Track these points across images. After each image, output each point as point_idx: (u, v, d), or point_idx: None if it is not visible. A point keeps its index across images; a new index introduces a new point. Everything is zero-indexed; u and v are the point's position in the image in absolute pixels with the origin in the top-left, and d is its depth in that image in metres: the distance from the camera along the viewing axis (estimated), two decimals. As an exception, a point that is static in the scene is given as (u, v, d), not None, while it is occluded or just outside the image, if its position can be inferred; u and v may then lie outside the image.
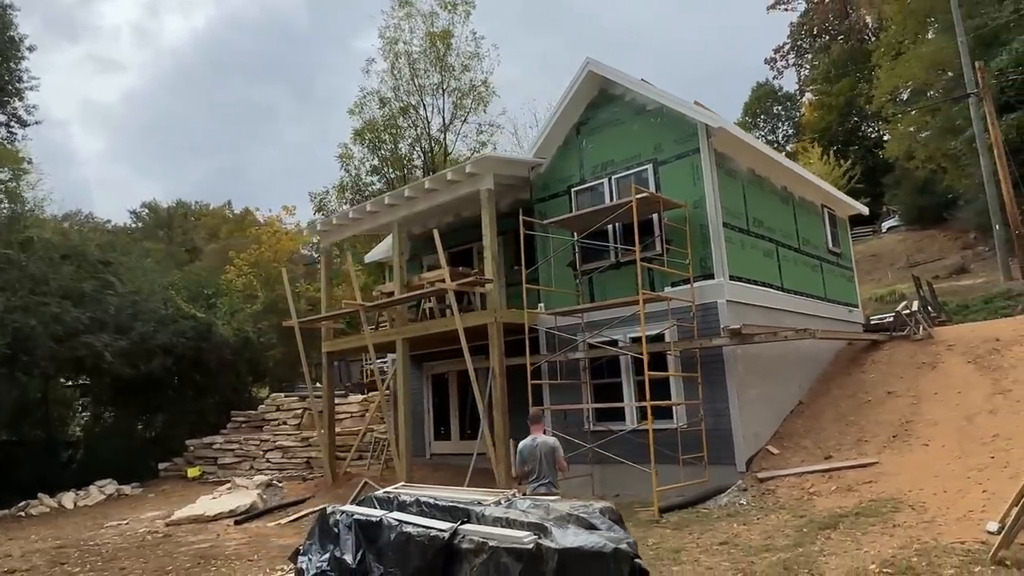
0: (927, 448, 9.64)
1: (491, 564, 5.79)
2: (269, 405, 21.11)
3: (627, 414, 11.79)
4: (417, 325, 13.99)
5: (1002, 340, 12.59)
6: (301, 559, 8.46)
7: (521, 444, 8.09)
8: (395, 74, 34.83)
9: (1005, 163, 21.68)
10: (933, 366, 12.48)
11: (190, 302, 21.16)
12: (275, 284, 24.80)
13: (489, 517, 6.42)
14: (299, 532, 11.89)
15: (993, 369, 11.56)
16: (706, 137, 11.21)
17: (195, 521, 13.69)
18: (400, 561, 6.85)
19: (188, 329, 20.50)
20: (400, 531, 6.97)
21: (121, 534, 13.25)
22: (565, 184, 13.11)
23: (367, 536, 7.50)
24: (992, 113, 22.18)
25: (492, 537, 5.93)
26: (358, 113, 34.89)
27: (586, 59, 12.52)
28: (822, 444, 10.83)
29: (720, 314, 10.83)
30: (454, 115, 35.14)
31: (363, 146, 34.97)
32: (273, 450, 19.06)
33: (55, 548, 12.38)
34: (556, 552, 5.43)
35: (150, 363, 19.46)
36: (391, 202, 14.14)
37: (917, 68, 36.04)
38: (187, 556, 10.56)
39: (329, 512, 8.57)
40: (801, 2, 59.49)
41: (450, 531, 6.36)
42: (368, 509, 7.89)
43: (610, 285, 12.28)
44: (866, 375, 12.99)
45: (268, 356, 23.71)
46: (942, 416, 10.49)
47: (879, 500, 8.29)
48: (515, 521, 6.11)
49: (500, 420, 12.07)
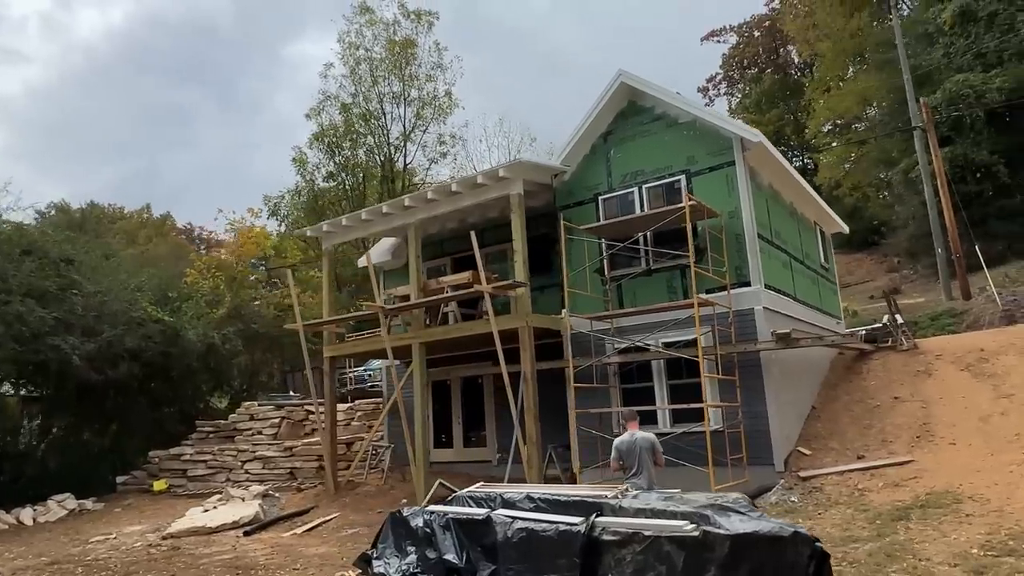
0: (955, 447, 10.35)
1: (650, 554, 5.86)
2: (242, 414, 20.20)
3: (659, 417, 12.03)
4: (437, 329, 13.79)
5: (987, 350, 13.65)
6: (377, 563, 8.24)
7: (618, 440, 8.16)
8: (355, 80, 34.35)
9: (947, 191, 23.55)
10: (929, 374, 13.38)
11: (156, 305, 19.98)
12: (240, 289, 23.78)
13: (629, 509, 6.47)
14: (326, 541, 11.44)
15: (988, 376, 12.53)
16: (741, 151, 11.70)
17: (195, 534, 12.91)
18: (522, 557, 6.80)
19: (156, 333, 19.37)
20: (518, 527, 6.93)
21: (116, 549, 12.34)
22: (591, 192, 13.33)
23: (468, 534, 7.40)
24: (935, 146, 24.09)
25: (647, 527, 6.00)
26: (315, 117, 34.09)
27: (619, 70, 12.84)
28: (849, 445, 11.42)
29: (757, 320, 11.30)
30: (414, 125, 34.91)
31: (320, 151, 34.18)
32: (252, 461, 18.22)
33: (46, 564, 11.41)
34: (728, 538, 5.55)
35: (117, 369, 18.25)
36: (410, 204, 13.94)
37: (850, 102, 38.77)
38: (219, 568, 9.96)
39: (406, 515, 8.40)
40: (732, 35, 62.94)
41: (587, 524, 6.38)
42: (462, 508, 7.77)
43: (640, 291, 12.55)
44: (867, 382, 13.77)
45: (233, 364, 22.65)
46: (956, 418, 11.28)
47: (934, 494, 8.83)
48: (666, 511, 6.18)
49: (532, 425, 12.05)
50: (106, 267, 19.95)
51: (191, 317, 20.94)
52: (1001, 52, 27.30)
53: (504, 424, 15.28)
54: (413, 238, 14.10)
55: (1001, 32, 27.50)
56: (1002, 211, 26.78)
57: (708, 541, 5.64)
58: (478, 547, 7.24)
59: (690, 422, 11.72)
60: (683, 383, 11.90)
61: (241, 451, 18.47)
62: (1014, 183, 26.66)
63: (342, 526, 12.58)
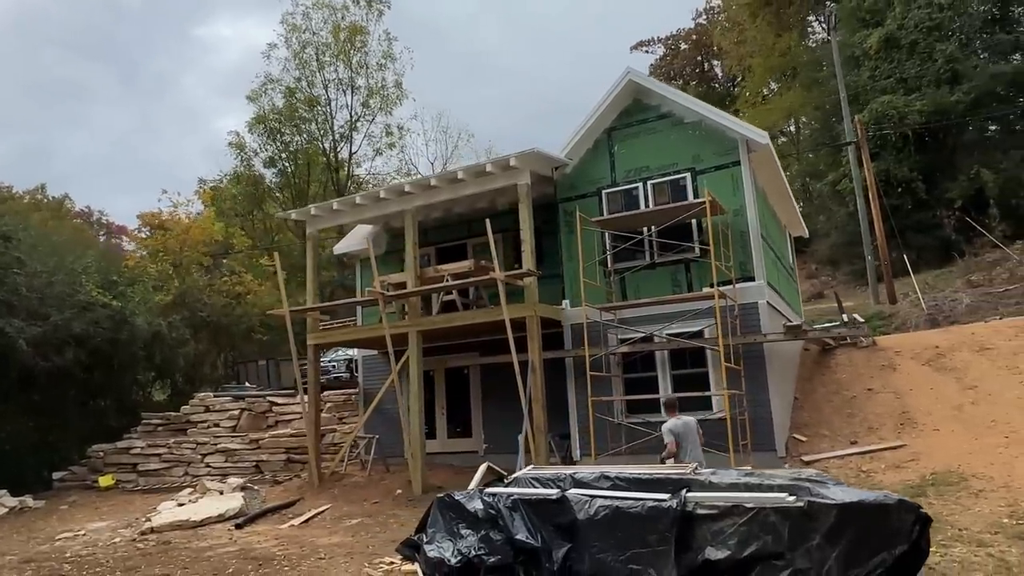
0: (939, 433, 11.27)
1: (754, 525, 6.12)
2: (196, 405, 19.16)
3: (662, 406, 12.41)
4: (439, 317, 13.64)
5: (940, 348, 14.88)
6: (429, 548, 8.17)
7: (670, 424, 8.50)
8: (300, 64, 33.28)
9: (879, 203, 25.42)
10: (894, 368, 14.46)
11: (103, 288, 18.67)
12: (186, 274, 22.57)
13: (722, 484, 6.72)
14: (333, 532, 11.09)
15: (949, 370, 13.69)
16: (747, 151, 12.27)
17: (179, 528, 12.18)
18: (607, 534, 6.91)
19: (104, 318, 18.11)
20: (601, 505, 7.05)
21: (93, 545, 11.50)
22: (595, 185, 13.58)
23: (540, 514, 7.44)
24: (868, 160, 25.95)
25: (748, 500, 6.24)
26: (257, 100, 32.79)
27: (627, 68, 13.18)
28: (838, 432, 12.19)
29: (760, 313, 11.89)
30: (360, 114, 34.18)
31: (261, 135, 32.88)
32: (213, 454, 17.37)
33: (21, 563, 10.51)
34: (834, 508, 5.89)
35: (62, 355, 16.95)
36: (410, 190, 13.73)
37: (777, 116, 41.06)
38: (234, 560, 9.48)
39: (458, 498, 8.35)
40: (660, 47, 65.33)
41: (679, 499, 6.57)
42: (529, 489, 7.80)
43: (643, 284, 12.91)
44: (837, 375, 14.73)
45: (179, 353, 21.44)
46: (931, 408, 12.27)
47: (939, 474, 9.60)
48: (762, 484, 6.47)
49: (540, 413, 12.16)
50: (48, 246, 18.45)
51: (138, 302, 19.68)
52: (920, 78, 29.66)
53: (491, 415, 15.33)
54: (411, 225, 13.89)
55: (921, 60, 29.90)
56: (919, 224, 29.11)
57: (813, 511, 5.96)
58: (551, 526, 7.28)
59: (693, 411, 12.17)
60: (686, 373, 12.36)
61: (201, 444, 17.56)
62: (930, 198, 29.06)
63: (340, 517, 12.22)
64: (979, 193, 28.10)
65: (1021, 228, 27.24)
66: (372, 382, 16.92)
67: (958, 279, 25.97)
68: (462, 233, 16.15)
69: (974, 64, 29.36)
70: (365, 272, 17.37)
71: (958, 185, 28.47)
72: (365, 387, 16.92)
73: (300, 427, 17.76)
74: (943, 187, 29.02)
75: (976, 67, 29.16)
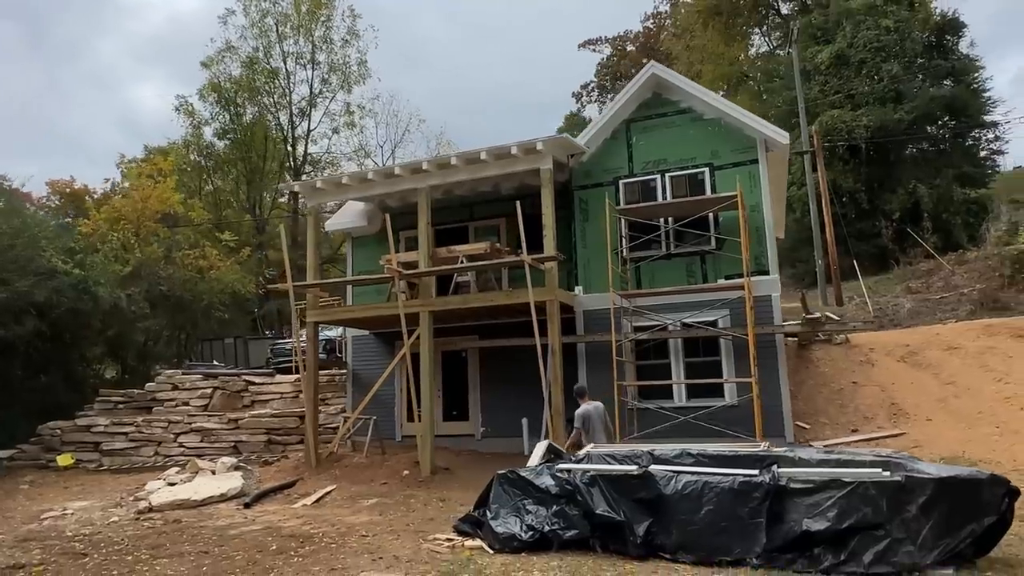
0: (932, 423, 12.13)
1: (854, 497, 6.49)
2: (162, 383, 18.21)
3: (675, 392, 12.80)
4: (455, 298, 13.50)
5: (911, 345, 15.95)
6: (495, 523, 8.22)
7: (584, 409, 9.31)
8: (258, 33, 31.98)
9: (830, 210, 26.88)
10: (872, 364, 15.40)
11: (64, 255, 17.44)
12: (145, 246, 21.35)
13: (812, 460, 7.04)
14: (356, 511, 10.86)
15: (925, 367, 14.70)
16: (765, 151, 12.78)
17: (181, 507, 11.66)
18: (694, 508, 7.13)
19: (67, 288, 16.92)
20: (688, 480, 7.29)
21: (88, 524, 10.81)
22: (612, 175, 13.79)
23: (620, 490, 7.59)
24: (823, 169, 27.37)
25: (846, 475, 6.58)
26: (213, 67, 31.29)
27: (651, 62, 13.50)
28: (835, 421, 12.92)
29: (773, 305, 12.43)
30: (320, 91, 33.20)
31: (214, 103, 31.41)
32: (188, 433, 16.61)
33: (18, 541, 9.77)
34: (931, 482, 6.33)
35: (23, 324, 15.75)
36: (428, 168, 13.52)
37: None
38: (271, 539, 9.13)
39: (524, 474, 8.40)
40: (607, 47, 66.40)
41: (771, 474, 6.86)
42: (605, 465, 7.92)
43: (659, 274, 13.23)
44: (821, 369, 15.54)
45: (138, 328, 20.26)
46: (917, 400, 13.18)
47: (948, 459, 10.32)
48: (851, 461, 6.84)
49: (558, 395, 12.27)
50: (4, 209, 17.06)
51: (99, 272, 18.46)
52: (867, 95, 31.51)
53: (491, 399, 15.33)
54: (425, 204, 13.69)
55: (868, 78, 31.76)
56: (860, 232, 30.95)
57: (910, 485, 6.37)
58: (631, 501, 7.46)
59: (704, 397, 12.64)
60: (699, 361, 12.78)
61: (173, 422, 16.72)
62: (871, 209, 30.95)
63: (352, 497, 11.95)
64: (915, 206, 30.12)
65: (950, 241, 29.42)
66: (361, 363, 16.59)
67: (897, 285, 27.77)
68: (463, 216, 16.04)
69: (915, 86, 31.41)
70: (357, 250, 16.98)
71: (897, 198, 30.45)
72: (354, 368, 16.54)
73: (280, 407, 17.24)
74: (884, 199, 30.95)
75: (917, 89, 31.21)
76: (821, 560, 6.39)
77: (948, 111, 31.96)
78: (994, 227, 26.75)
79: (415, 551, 8.14)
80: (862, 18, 32.40)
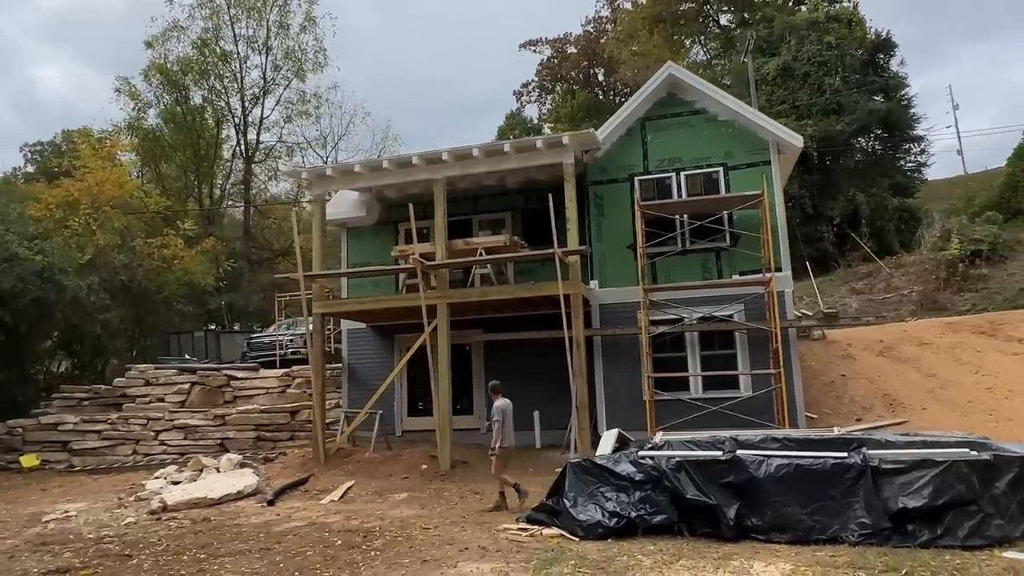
0: (928, 412, 12.99)
1: (948, 475, 6.96)
2: (134, 379, 17.13)
3: (691, 384, 13.16)
4: (474, 290, 13.40)
5: (885, 341, 17.02)
6: (575, 511, 8.28)
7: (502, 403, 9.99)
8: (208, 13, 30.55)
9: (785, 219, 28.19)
10: (853, 358, 16.33)
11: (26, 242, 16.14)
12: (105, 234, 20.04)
13: (899, 442, 7.43)
14: (393, 506, 10.61)
15: (904, 361, 15.71)
16: (777, 153, 13.34)
17: (197, 506, 11.02)
18: (787, 490, 7.43)
19: (30, 276, 15.69)
20: (779, 464, 7.59)
21: (103, 525, 10.09)
22: (626, 172, 14.04)
23: (707, 474, 7.78)
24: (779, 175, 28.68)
25: (937, 455, 7.02)
26: (159, 46, 29.65)
27: (668, 63, 13.86)
28: (837, 410, 13.63)
29: (786, 301, 12.99)
30: (273, 77, 32.04)
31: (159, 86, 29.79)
32: (170, 431, 15.72)
33: (34, 546, 9.01)
34: (1019, 459, 6.83)
35: (-14, 314, 14.51)
36: (447, 159, 13.34)
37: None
38: (337, 535, 8.78)
39: (602, 463, 8.51)
40: (548, 48, 67.10)
41: (863, 455, 7.24)
42: (691, 452, 8.09)
43: (675, 270, 13.57)
44: (807, 363, 16.31)
45: (97, 320, 18.96)
46: (907, 391, 14.07)
47: (957, 443, 11.11)
48: (938, 442, 7.29)
49: (583, 388, 12.38)
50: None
51: (62, 259, 17.17)
52: (811, 107, 33.28)
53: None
54: (441, 195, 13.51)
55: (811, 90, 33.53)
56: (805, 236, 32.56)
57: (998, 463, 6.87)
58: (719, 485, 7.66)
59: (720, 389, 13.06)
60: (714, 354, 13.20)
61: (153, 419, 15.78)
62: (815, 214, 32.69)
63: (380, 492, 11.64)
64: (855, 213, 32.06)
65: (883, 246, 31.49)
66: (357, 357, 16.17)
67: (841, 286, 29.45)
68: (467, 208, 15.90)
69: (855, 99, 33.40)
70: (352, 240, 16.53)
71: (838, 204, 32.30)
72: (350, 362, 16.10)
73: (266, 403, 16.59)
74: (826, 205, 32.75)
75: (856, 102, 33.20)
76: (917, 535, 6.78)
77: (883, 124, 34.12)
78: (928, 233, 28.80)
79: (493, 541, 8.06)
80: (806, 33, 34.13)
